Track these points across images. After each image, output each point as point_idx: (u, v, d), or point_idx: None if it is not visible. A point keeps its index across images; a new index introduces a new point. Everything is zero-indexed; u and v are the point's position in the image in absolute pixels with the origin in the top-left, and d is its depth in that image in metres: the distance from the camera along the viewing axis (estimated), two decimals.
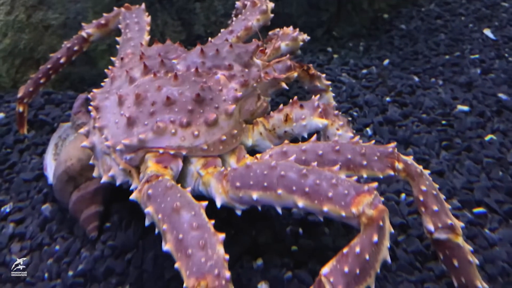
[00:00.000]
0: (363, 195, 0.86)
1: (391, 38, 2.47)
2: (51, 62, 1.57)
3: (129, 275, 1.16)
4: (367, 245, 0.82)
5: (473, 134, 1.62)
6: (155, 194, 0.90)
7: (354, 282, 0.80)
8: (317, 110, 1.12)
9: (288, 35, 1.48)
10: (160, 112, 1.01)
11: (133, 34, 1.44)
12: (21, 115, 1.58)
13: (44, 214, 1.30)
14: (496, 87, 1.92)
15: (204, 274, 0.80)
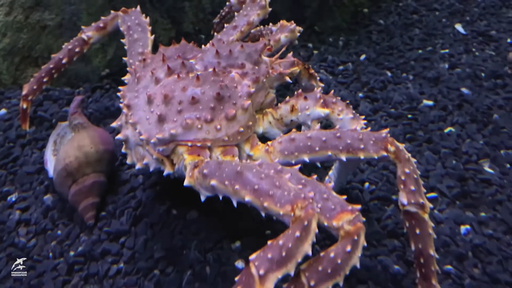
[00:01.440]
0: (346, 213, 1.00)
1: (369, 33, 2.60)
2: (53, 62, 1.70)
3: (123, 255, 1.34)
4: (340, 253, 0.97)
5: (435, 127, 1.79)
6: (211, 171, 1.07)
7: (326, 279, 0.96)
8: (319, 101, 1.29)
9: (287, 27, 1.64)
10: (187, 110, 1.18)
11: (138, 35, 1.59)
12: (24, 112, 1.72)
13: (46, 204, 1.46)
14: (460, 82, 2.07)
15: (293, 200, 0.96)
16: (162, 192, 1.45)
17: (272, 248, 0.92)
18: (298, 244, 0.92)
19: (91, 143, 1.40)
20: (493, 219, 1.41)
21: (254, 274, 0.90)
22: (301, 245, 0.92)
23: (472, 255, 1.32)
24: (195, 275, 1.28)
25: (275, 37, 1.60)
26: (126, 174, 1.52)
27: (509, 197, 1.47)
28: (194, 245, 1.34)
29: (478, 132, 1.75)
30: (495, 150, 1.66)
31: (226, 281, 1.25)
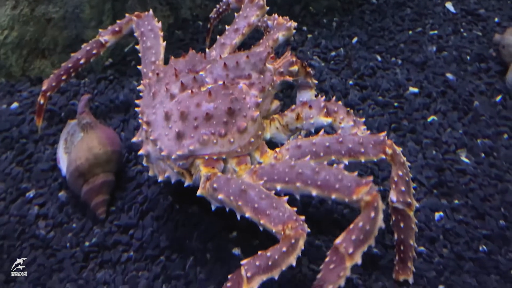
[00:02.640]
0: (362, 187, 1.17)
1: (362, 13, 2.64)
2: (71, 61, 1.83)
3: (132, 245, 1.50)
4: (366, 220, 1.15)
5: (419, 115, 1.90)
6: (220, 185, 1.23)
7: (360, 244, 1.14)
8: (323, 110, 1.42)
9: (283, 25, 1.73)
10: (202, 126, 1.30)
11: (151, 42, 1.68)
12: (41, 107, 1.84)
13: (61, 200, 1.61)
14: (446, 66, 2.17)
15: (286, 221, 1.13)
16: (166, 188, 1.60)
17: (261, 257, 1.10)
18: (284, 257, 1.10)
19: (100, 145, 1.54)
20: (465, 206, 1.56)
21: (243, 275, 1.09)
22: (287, 258, 1.11)
23: (442, 237, 1.49)
24: (197, 261, 1.45)
25: (273, 36, 1.69)
26: (132, 171, 1.66)
27: (480, 185, 1.62)
28: (195, 235, 1.50)
29: (458, 120, 1.87)
30: (473, 140, 1.78)
31: (224, 265, 1.42)
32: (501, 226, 1.52)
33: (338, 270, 1.13)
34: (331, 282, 1.13)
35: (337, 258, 1.14)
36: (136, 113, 1.86)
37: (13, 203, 1.63)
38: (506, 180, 1.65)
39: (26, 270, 1.44)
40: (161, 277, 1.41)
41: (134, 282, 1.40)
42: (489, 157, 1.73)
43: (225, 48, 1.63)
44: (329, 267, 1.14)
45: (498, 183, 1.64)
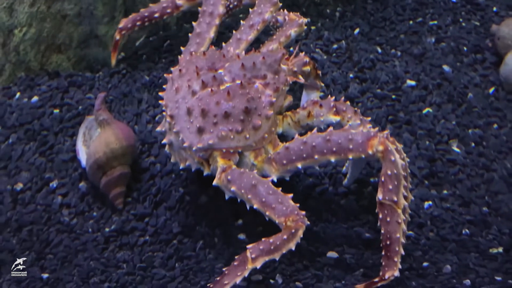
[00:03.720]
0: (372, 139, 1.34)
1: (365, 2, 2.65)
2: (148, 11, 1.97)
3: (147, 231, 1.66)
4: (391, 166, 1.32)
5: (415, 107, 2.00)
6: (233, 178, 1.38)
7: (397, 189, 1.33)
8: (332, 109, 1.54)
9: (295, 21, 1.85)
10: (221, 123, 1.45)
11: (201, 29, 1.79)
12: (116, 42, 2.04)
13: (82, 190, 1.76)
14: (443, 58, 2.25)
15: (288, 214, 1.30)
16: (177, 180, 1.75)
17: (264, 243, 1.29)
18: (284, 243, 1.28)
19: (116, 140, 1.68)
20: (452, 195, 1.69)
21: (248, 256, 1.28)
22: (287, 244, 1.29)
23: (430, 223, 1.63)
24: (206, 244, 1.61)
25: (286, 33, 1.81)
26: (146, 162, 1.80)
27: (468, 175, 1.75)
28: (204, 223, 1.65)
29: (452, 112, 1.97)
30: (464, 130, 1.90)
31: (231, 247, 1.59)
32: (484, 213, 1.66)
33: (394, 217, 1.35)
34: (394, 231, 1.36)
35: (387, 211, 1.35)
36: (148, 107, 1.99)
37: (39, 193, 1.78)
38: (492, 170, 1.77)
39: (54, 250, 1.64)
40: (174, 257, 1.58)
41: (150, 261, 1.57)
42: (478, 146, 1.85)
43: (241, 44, 1.74)
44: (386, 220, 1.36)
45: (485, 172, 1.77)
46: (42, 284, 1.53)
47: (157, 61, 2.29)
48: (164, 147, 1.79)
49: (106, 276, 1.52)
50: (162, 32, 2.46)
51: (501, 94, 2.06)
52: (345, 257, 1.52)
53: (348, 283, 1.41)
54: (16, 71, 2.26)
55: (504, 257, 1.50)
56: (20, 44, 2.23)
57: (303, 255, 1.53)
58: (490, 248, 1.54)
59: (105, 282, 1.50)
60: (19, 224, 1.68)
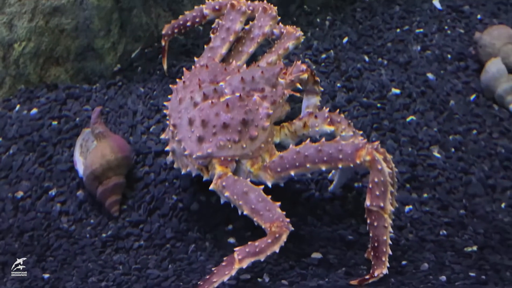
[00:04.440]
0: (360, 150, 1.42)
1: (354, 11, 2.74)
2: (183, 19, 2.13)
3: (142, 236, 1.76)
4: (378, 174, 1.40)
5: (399, 115, 2.08)
6: (228, 184, 1.47)
7: (384, 195, 1.40)
8: (327, 120, 1.64)
9: (292, 34, 1.96)
10: (220, 133, 1.55)
11: (216, 43, 1.88)
12: (163, 48, 2.24)
13: (80, 198, 1.85)
14: (428, 66, 2.33)
15: (273, 221, 1.40)
16: (170, 188, 1.84)
17: (250, 246, 1.39)
18: (269, 246, 1.39)
19: (112, 152, 1.78)
20: (432, 198, 1.78)
21: (235, 257, 1.37)
22: (271, 247, 1.39)
23: (409, 225, 1.71)
24: (198, 247, 1.70)
25: (284, 45, 1.93)
26: (140, 172, 1.88)
27: (447, 178, 1.83)
28: (196, 228, 1.74)
29: (434, 119, 2.05)
30: (445, 136, 1.98)
31: (221, 250, 1.68)
32: (461, 215, 1.75)
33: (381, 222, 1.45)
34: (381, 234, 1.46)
35: (374, 216, 1.44)
36: (143, 118, 2.08)
37: (39, 200, 1.87)
38: (470, 173, 1.86)
39: (54, 253, 1.74)
40: (167, 259, 1.67)
41: (145, 263, 1.67)
42: (458, 151, 1.93)
43: (243, 56, 1.85)
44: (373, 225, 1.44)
45: (463, 175, 1.86)
46: (44, 283, 1.60)
47: (152, 72, 2.38)
48: (158, 157, 1.90)
49: (103, 276, 1.61)
50: (157, 44, 2.54)
51: (482, 100, 2.14)
52: (328, 258, 1.61)
53: (331, 281, 1.49)
54: (16, 84, 2.34)
55: (478, 255, 1.58)
56: (20, 58, 2.32)
57: (289, 256, 1.61)
58: (465, 247, 1.62)
59: (103, 282, 1.59)
60: (20, 230, 1.77)
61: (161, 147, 1.95)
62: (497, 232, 1.68)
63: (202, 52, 2.39)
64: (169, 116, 1.65)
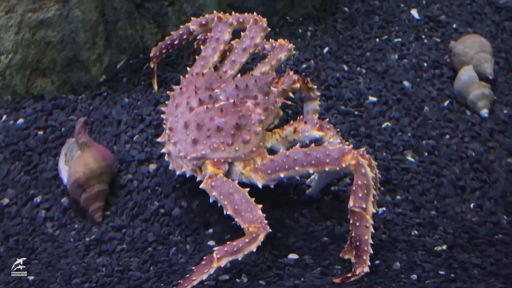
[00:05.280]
0: (346, 155, 1.49)
1: (335, 21, 2.80)
2: (170, 39, 2.21)
3: (125, 240, 1.81)
4: (362, 178, 1.46)
5: (375, 122, 2.14)
6: (216, 185, 1.54)
7: (367, 197, 1.47)
8: (316, 125, 1.72)
9: (285, 46, 2.06)
10: (214, 136, 1.64)
11: (207, 53, 1.99)
12: (152, 70, 2.29)
13: (64, 205, 1.91)
14: (404, 74, 2.40)
15: (252, 222, 1.46)
16: (152, 195, 1.90)
17: (228, 245, 1.46)
18: (246, 245, 1.45)
19: (95, 161, 1.84)
20: (405, 200, 1.85)
21: (214, 257, 1.44)
22: (249, 246, 1.46)
23: (383, 226, 1.78)
24: (179, 250, 1.75)
25: (277, 56, 2.03)
26: (124, 179, 1.94)
27: (420, 181, 1.90)
28: (177, 232, 1.80)
29: (408, 125, 2.12)
30: (419, 141, 2.05)
31: (201, 252, 1.73)
32: (432, 216, 1.82)
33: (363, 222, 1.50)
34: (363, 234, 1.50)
35: (356, 217, 1.50)
36: (127, 128, 2.14)
37: (24, 207, 1.93)
38: (442, 175, 1.94)
39: (39, 256, 1.78)
40: (149, 262, 1.72)
41: (127, 265, 1.72)
42: (431, 155, 2.00)
43: (236, 65, 1.94)
44: (356, 225, 1.50)
45: (435, 178, 1.93)
46: (28, 285, 1.62)
47: (136, 83, 2.43)
48: (141, 165, 1.96)
49: (86, 278, 1.66)
50: (142, 55, 2.60)
51: (455, 106, 2.22)
52: (304, 258, 1.67)
53: (307, 281, 1.55)
54: (2, 95, 2.40)
55: (448, 254, 1.64)
56: (7, 70, 2.37)
57: (267, 257, 1.67)
58: (435, 246, 1.67)
59: (86, 283, 1.64)
60: (6, 235, 1.82)
61: (144, 156, 2.02)
62: (465, 231, 1.76)
63: (187, 62, 2.50)
64: (166, 120, 1.74)
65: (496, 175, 1.93)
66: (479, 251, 1.70)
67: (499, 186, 1.90)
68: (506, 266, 1.62)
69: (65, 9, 2.33)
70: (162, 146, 1.99)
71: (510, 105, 2.20)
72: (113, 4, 2.50)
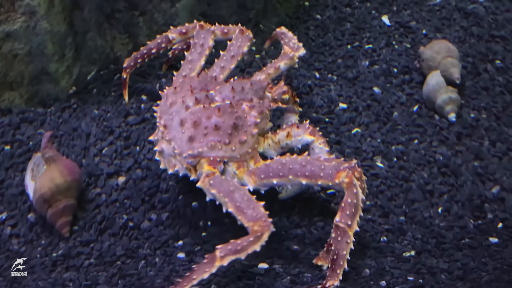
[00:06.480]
0: (340, 172, 1.49)
1: (307, 29, 2.80)
2: (146, 48, 2.18)
3: (93, 255, 1.79)
4: (352, 196, 1.48)
5: (345, 128, 2.15)
6: (215, 183, 1.53)
7: (353, 215, 1.47)
8: (307, 130, 1.75)
9: (287, 55, 2.08)
10: (211, 134, 1.62)
11: (193, 57, 2.01)
12: (124, 80, 2.25)
13: (30, 221, 1.88)
14: (375, 80, 2.41)
15: (256, 220, 1.45)
16: (121, 208, 1.88)
17: (232, 244, 1.43)
18: (250, 244, 1.44)
19: (61, 176, 1.82)
20: (374, 206, 1.85)
21: (217, 255, 1.41)
22: (253, 245, 1.45)
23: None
24: (148, 263, 1.74)
25: (275, 65, 2.06)
26: (92, 193, 1.92)
27: (389, 186, 1.91)
28: (146, 245, 1.78)
29: (378, 130, 2.13)
30: (388, 147, 2.06)
31: (170, 265, 1.71)
32: (401, 221, 1.83)
33: (345, 238, 1.50)
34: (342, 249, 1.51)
35: (340, 232, 1.49)
36: (96, 140, 2.12)
37: None
38: (411, 180, 1.95)
39: (4, 273, 1.74)
40: (117, 275, 1.70)
41: (95, 279, 1.69)
42: (400, 160, 2.02)
43: (225, 71, 1.95)
44: (337, 239, 1.49)
45: (404, 183, 1.94)
46: None
47: (107, 94, 2.41)
48: (110, 178, 1.94)
49: None
50: (113, 66, 2.58)
51: (424, 111, 2.24)
52: (274, 267, 1.66)
53: None
54: None
55: (416, 259, 1.65)
56: None
57: (237, 268, 1.66)
58: (404, 252, 1.69)
59: None
60: None
61: (113, 169, 2.00)
62: (433, 236, 1.78)
63: (159, 72, 2.48)
64: (160, 117, 1.72)
65: (463, 178, 1.95)
66: (446, 255, 1.71)
67: (466, 189, 1.92)
68: (473, 270, 1.63)
69: (32, 21, 2.30)
70: (131, 157, 2.00)
71: (477, 109, 2.22)
72: (82, 15, 2.48)
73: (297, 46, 2.12)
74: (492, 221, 1.84)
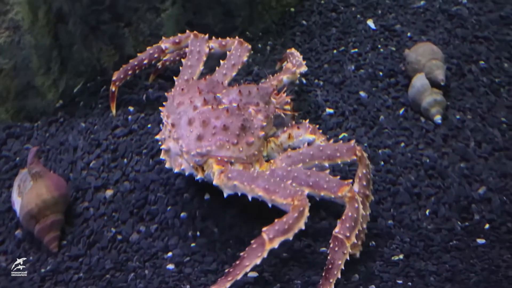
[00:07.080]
0: (344, 186, 1.53)
1: (293, 35, 2.80)
2: (137, 60, 2.19)
3: (82, 269, 1.78)
4: (354, 211, 1.52)
5: (332, 133, 2.16)
6: (234, 175, 1.56)
7: (352, 229, 1.50)
8: (308, 130, 1.82)
9: (289, 69, 2.16)
10: (219, 134, 1.64)
11: (192, 62, 2.04)
12: (113, 93, 2.24)
13: (18, 237, 1.87)
14: (361, 84, 2.42)
15: (293, 195, 1.48)
16: (108, 221, 1.88)
17: (278, 224, 1.45)
18: (295, 222, 1.46)
19: (48, 192, 1.81)
20: None
21: (265, 238, 1.44)
22: (298, 222, 1.47)
23: None
24: (137, 276, 1.73)
25: (279, 77, 2.12)
26: (80, 207, 1.92)
27: (377, 190, 1.91)
28: (135, 258, 1.78)
29: (365, 135, 2.14)
30: (375, 151, 2.07)
31: (160, 277, 1.71)
32: (389, 225, 1.84)
33: (342, 249, 1.53)
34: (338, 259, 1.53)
35: (338, 242, 1.53)
36: (83, 154, 2.11)
37: None
38: (398, 183, 1.96)
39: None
40: None
41: None
42: (386, 164, 2.03)
43: (227, 78, 1.99)
44: (334, 249, 1.52)
45: (391, 186, 1.96)
46: None
47: (93, 107, 2.41)
48: (98, 192, 1.94)
49: None
50: (100, 77, 2.58)
51: (410, 114, 2.25)
52: (264, 275, 1.67)
53: None
54: None
55: (405, 263, 1.67)
56: None
57: None
58: (392, 256, 1.70)
59: None
60: None
61: (101, 182, 1.99)
62: (421, 239, 1.79)
63: (145, 83, 2.48)
64: (167, 117, 1.74)
65: (450, 180, 1.96)
66: (435, 258, 1.72)
67: (453, 191, 1.93)
68: (461, 272, 1.64)
69: (16, 36, 2.29)
70: (118, 170, 2.00)
71: (462, 110, 2.24)
72: (66, 28, 2.48)
73: (299, 63, 2.21)
74: (479, 222, 1.86)
